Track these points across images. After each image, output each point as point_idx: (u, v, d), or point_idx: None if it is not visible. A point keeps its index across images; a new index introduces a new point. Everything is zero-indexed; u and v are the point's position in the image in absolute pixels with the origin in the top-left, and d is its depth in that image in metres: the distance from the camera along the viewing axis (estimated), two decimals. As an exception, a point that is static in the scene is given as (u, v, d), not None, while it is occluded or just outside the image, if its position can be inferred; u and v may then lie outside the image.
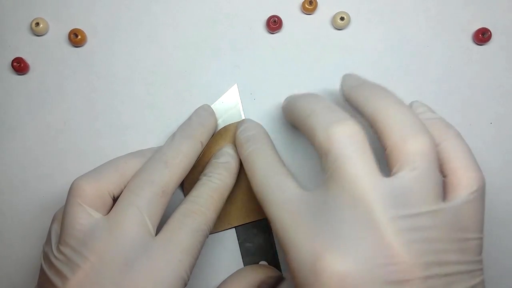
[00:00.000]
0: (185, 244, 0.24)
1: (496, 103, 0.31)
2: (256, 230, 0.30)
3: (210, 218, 0.26)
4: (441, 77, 0.31)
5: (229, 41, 0.32)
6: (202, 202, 0.26)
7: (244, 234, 0.30)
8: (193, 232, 0.24)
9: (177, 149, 0.26)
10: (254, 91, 0.31)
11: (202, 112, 0.29)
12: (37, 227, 0.31)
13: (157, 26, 0.32)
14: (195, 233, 0.24)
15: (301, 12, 0.32)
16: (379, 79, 0.31)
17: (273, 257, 0.30)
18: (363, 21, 0.32)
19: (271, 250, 0.30)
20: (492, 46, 0.31)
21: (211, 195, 0.26)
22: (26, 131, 0.31)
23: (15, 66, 0.31)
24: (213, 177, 0.27)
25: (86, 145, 0.31)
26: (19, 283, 0.31)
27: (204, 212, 0.25)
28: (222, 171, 0.27)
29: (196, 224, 0.25)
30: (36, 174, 0.31)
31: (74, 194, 0.24)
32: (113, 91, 0.31)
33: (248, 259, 0.30)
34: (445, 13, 0.32)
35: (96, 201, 0.24)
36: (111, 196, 0.25)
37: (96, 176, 0.25)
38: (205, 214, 0.25)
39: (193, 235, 0.24)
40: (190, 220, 0.25)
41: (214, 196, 0.26)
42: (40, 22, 0.31)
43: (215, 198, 0.26)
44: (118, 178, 0.25)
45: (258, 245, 0.30)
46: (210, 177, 0.27)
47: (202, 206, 0.26)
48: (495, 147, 0.30)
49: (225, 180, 0.27)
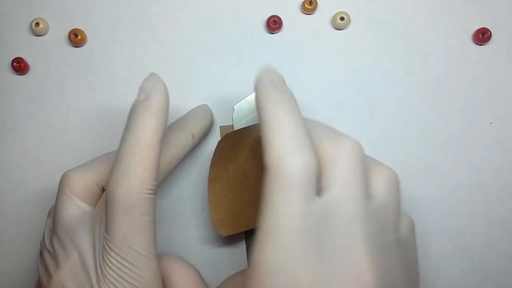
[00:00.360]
0: (124, 229, 0.21)
1: (496, 103, 0.31)
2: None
3: (142, 181, 0.21)
4: (441, 77, 0.31)
5: (229, 41, 0.32)
6: (124, 166, 0.21)
7: (252, 237, 0.30)
8: (126, 210, 0.21)
9: (165, 138, 0.25)
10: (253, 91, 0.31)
11: (197, 109, 0.29)
12: (37, 226, 0.31)
13: (157, 26, 0.32)
14: (130, 210, 0.21)
15: (301, 12, 0.32)
16: (379, 79, 0.31)
17: None
18: (363, 21, 0.32)
19: None
20: (492, 46, 0.31)
21: (132, 151, 0.21)
22: (26, 131, 0.31)
23: (15, 66, 0.31)
24: (130, 126, 0.22)
25: (86, 145, 0.31)
26: (19, 283, 0.31)
27: (129, 178, 0.21)
28: (140, 113, 0.22)
29: (124, 198, 0.21)
30: (36, 174, 0.31)
31: (63, 185, 0.24)
32: (113, 91, 0.31)
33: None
34: (445, 13, 0.32)
35: (85, 193, 0.24)
36: (100, 188, 0.24)
37: (86, 168, 0.24)
38: (130, 180, 0.21)
39: (129, 214, 0.21)
40: (115, 197, 0.21)
41: (137, 151, 0.21)
42: (40, 22, 0.31)
43: (138, 153, 0.21)
44: (108, 169, 0.24)
45: None
46: (127, 128, 0.22)
47: (124, 171, 0.21)
48: (495, 147, 0.30)
49: (146, 124, 0.22)
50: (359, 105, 0.31)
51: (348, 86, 0.31)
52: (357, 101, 0.31)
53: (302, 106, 0.31)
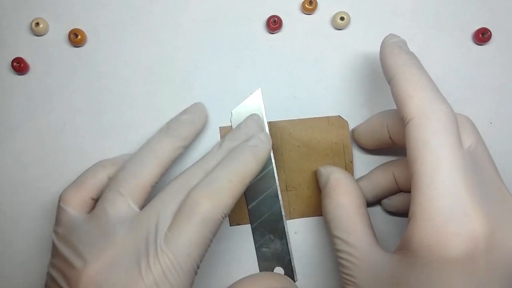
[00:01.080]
0: (193, 237, 0.23)
1: (496, 103, 0.31)
2: (273, 235, 0.30)
3: (226, 206, 0.23)
4: (441, 77, 0.31)
5: (229, 41, 0.32)
6: (217, 187, 0.23)
7: (261, 238, 0.30)
8: (203, 222, 0.23)
9: (220, 159, 0.26)
10: (254, 91, 0.31)
11: (250, 122, 0.28)
12: (37, 226, 0.31)
13: (157, 26, 0.32)
14: (205, 224, 0.23)
15: (301, 12, 0.32)
16: (379, 79, 0.31)
17: (288, 264, 0.30)
18: (363, 21, 0.32)
19: (287, 257, 0.30)
20: (492, 46, 0.31)
21: (230, 179, 0.24)
22: (26, 131, 0.31)
23: (15, 66, 0.31)
24: (236, 159, 0.25)
25: (86, 145, 0.31)
26: (19, 283, 0.30)
27: (219, 199, 0.23)
28: (247, 153, 0.25)
29: (207, 212, 0.23)
30: (36, 174, 0.31)
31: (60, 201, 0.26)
32: (113, 91, 0.31)
33: (264, 263, 0.30)
34: (445, 13, 0.32)
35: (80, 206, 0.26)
36: (93, 200, 0.26)
37: (77, 185, 0.26)
38: (219, 201, 0.23)
39: (203, 227, 0.23)
40: (200, 209, 0.23)
41: (234, 180, 0.24)
42: (40, 22, 0.31)
43: (234, 182, 0.24)
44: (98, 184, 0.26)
45: (274, 250, 0.30)
46: (232, 159, 0.25)
47: (216, 191, 0.23)
48: (495, 147, 0.30)
49: (249, 164, 0.25)
50: (359, 105, 0.31)
51: (348, 86, 0.31)
52: (357, 101, 0.31)
53: (302, 106, 0.31)
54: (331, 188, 0.27)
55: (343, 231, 0.25)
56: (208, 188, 0.23)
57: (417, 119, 0.22)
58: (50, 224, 0.30)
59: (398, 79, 0.24)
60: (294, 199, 0.31)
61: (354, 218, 0.26)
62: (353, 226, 0.25)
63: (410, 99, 0.23)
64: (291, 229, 0.31)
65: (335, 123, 0.31)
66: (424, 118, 0.22)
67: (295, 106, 0.31)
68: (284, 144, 0.31)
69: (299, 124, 0.31)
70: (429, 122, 0.22)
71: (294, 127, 0.31)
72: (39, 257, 0.30)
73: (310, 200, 0.31)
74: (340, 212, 0.26)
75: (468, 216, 0.20)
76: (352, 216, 0.26)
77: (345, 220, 0.26)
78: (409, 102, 0.23)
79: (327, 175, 0.28)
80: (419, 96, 0.23)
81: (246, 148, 0.25)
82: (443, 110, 0.22)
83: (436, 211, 0.21)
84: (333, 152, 0.31)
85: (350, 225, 0.25)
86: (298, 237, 0.31)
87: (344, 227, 0.25)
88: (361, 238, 0.25)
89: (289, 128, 0.31)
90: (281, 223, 0.30)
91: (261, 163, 0.26)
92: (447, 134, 0.22)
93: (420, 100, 0.22)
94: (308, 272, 0.31)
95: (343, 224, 0.26)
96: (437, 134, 0.22)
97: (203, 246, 0.23)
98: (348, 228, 0.25)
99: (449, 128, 0.22)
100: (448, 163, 0.21)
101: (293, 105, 0.31)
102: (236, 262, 0.31)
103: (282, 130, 0.31)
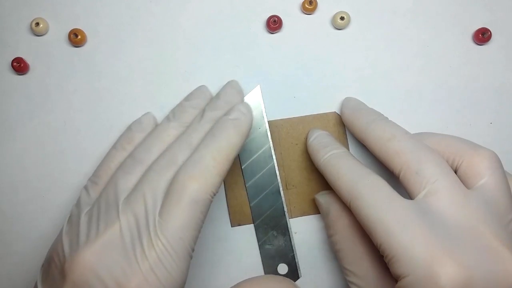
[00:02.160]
0: (184, 219, 0.23)
1: (496, 103, 0.31)
2: (276, 232, 0.30)
3: (214, 185, 0.23)
4: (441, 77, 0.31)
5: (229, 41, 0.32)
6: (203, 167, 0.23)
7: (264, 235, 0.30)
8: (192, 204, 0.23)
9: (203, 131, 0.26)
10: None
11: (229, 90, 0.28)
12: (37, 226, 0.31)
13: (157, 26, 0.32)
14: (195, 205, 0.23)
15: (301, 12, 0.32)
16: (379, 79, 0.31)
17: (292, 260, 0.30)
18: (363, 21, 0.32)
19: (290, 253, 0.30)
20: (492, 46, 0.31)
21: (214, 157, 0.24)
22: (26, 131, 0.31)
23: (15, 66, 0.31)
24: (218, 136, 0.24)
25: (86, 145, 0.31)
26: (19, 282, 0.31)
27: (206, 179, 0.23)
28: (229, 129, 0.25)
29: (195, 193, 0.23)
30: (36, 174, 0.31)
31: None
32: (113, 91, 0.31)
33: (268, 260, 0.30)
34: (445, 13, 0.32)
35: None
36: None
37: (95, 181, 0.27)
38: (206, 181, 0.23)
39: (192, 207, 0.23)
40: (188, 190, 0.23)
41: (218, 158, 0.24)
42: (40, 22, 0.31)
43: (218, 160, 0.24)
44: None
45: (278, 247, 0.30)
46: (214, 136, 0.24)
47: (202, 171, 0.23)
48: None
49: (231, 139, 0.24)
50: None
51: (348, 86, 0.31)
52: (357, 101, 0.31)
53: (303, 106, 0.31)
54: (333, 221, 0.27)
55: (351, 264, 0.25)
56: (194, 169, 0.23)
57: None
58: (50, 224, 0.31)
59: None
60: (294, 197, 0.31)
61: (361, 250, 0.25)
62: (360, 257, 0.25)
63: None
64: (291, 229, 0.31)
65: (332, 120, 0.31)
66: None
67: (295, 106, 0.31)
68: (282, 142, 0.31)
69: (296, 122, 0.31)
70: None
71: (292, 125, 0.31)
72: (39, 257, 0.30)
73: (310, 197, 0.31)
74: (346, 244, 0.26)
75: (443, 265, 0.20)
76: (359, 247, 0.25)
77: (352, 252, 0.25)
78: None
79: (327, 206, 0.28)
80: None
81: (227, 122, 0.25)
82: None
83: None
84: None
85: (358, 256, 0.25)
86: (299, 236, 0.31)
87: (352, 260, 0.25)
88: (369, 269, 0.25)
89: (287, 127, 0.31)
90: (283, 220, 0.30)
91: (244, 136, 0.25)
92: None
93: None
94: (309, 271, 0.31)
95: (350, 257, 0.25)
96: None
97: (195, 227, 0.23)
98: (356, 260, 0.25)
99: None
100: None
101: (293, 105, 0.31)
102: (236, 262, 0.31)
103: (280, 129, 0.31)
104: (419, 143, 0.25)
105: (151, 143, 0.26)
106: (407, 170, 0.24)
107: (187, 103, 0.29)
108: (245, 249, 0.31)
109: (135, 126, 0.29)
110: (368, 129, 0.26)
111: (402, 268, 0.21)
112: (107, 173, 0.27)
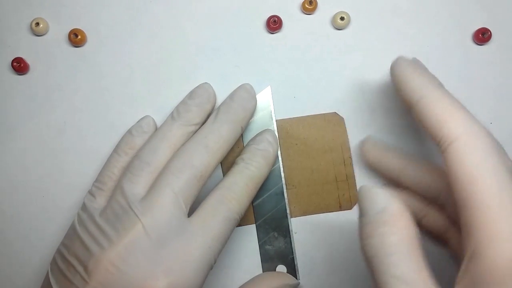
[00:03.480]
0: (216, 231, 0.25)
1: (496, 103, 0.31)
2: (277, 233, 0.30)
3: (243, 207, 0.26)
4: (441, 77, 0.31)
5: (229, 41, 0.32)
6: (238, 190, 0.26)
7: (265, 236, 0.30)
8: (225, 220, 0.25)
9: (219, 133, 0.26)
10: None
11: (244, 94, 0.29)
12: (37, 227, 0.31)
13: (157, 26, 0.32)
14: (227, 221, 0.25)
15: (301, 12, 0.32)
16: (380, 79, 0.31)
17: (291, 262, 0.30)
18: (363, 21, 0.32)
19: (290, 255, 0.30)
20: (492, 46, 0.31)
21: (247, 183, 0.26)
22: (26, 131, 0.31)
23: (15, 66, 0.31)
24: (251, 165, 0.27)
25: (86, 145, 0.31)
26: (19, 283, 0.31)
27: (238, 201, 0.26)
28: (260, 159, 0.27)
29: (229, 212, 0.25)
30: (36, 174, 0.31)
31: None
32: (113, 91, 0.31)
33: (267, 261, 0.30)
34: (445, 13, 0.32)
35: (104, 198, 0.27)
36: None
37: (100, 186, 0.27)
38: (239, 202, 0.26)
39: (225, 223, 0.25)
40: (224, 207, 0.25)
41: (250, 184, 0.26)
42: (40, 22, 0.31)
43: (250, 187, 0.26)
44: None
45: (278, 248, 0.30)
46: (247, 164, 0.27)
47: (237, 194, 0.26)
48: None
49: (262, 168, 0.27)
50: (359, 105, 0.31)
51: (348, 86, 0.31)
52: (357, 101, 0.31)
53: (303, 106, 0.31)
54: (394, 219, 0.22)
55: (405, 272, 0.21)
56: (230, 191, 0.26)
57: (464, 138, 0.20)
58: (50, 224, 0.31)
59: (432, 100, 0.22)
60: (294, 198, 0.31)
61: (416, 252, 0.22)
62: (418, 264, 0.21)
63: (451, 118, 0.21)
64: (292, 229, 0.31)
65: (332, 120, 0.31)
66: (473, 137, 0.20)
67: (295, 106, 0.31)
68: (282, 143, 0.31)
69: (296, 122, 0.31)
70: (480, 141, 0.20)
71: (291, 125, 0.31)
72: (39, 257, 0.30)
73: (310, 198, 0.31)
74: (403, 248, 0.21)
75: None
76: (413, 251, 0.22)
77: (406, 256, 0.21)
78: (451, 122, 0.21)
79: (385, 201, 0.23)
80: (460, 115, 0.21)
81: (257, 153, 0.27)
82: (486, 129, 0.21)
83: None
84: (331, 148, 0.31)
85: (416, 263, 0.21)
86: (298, 236, 0.31)
87: (406, 268, 0.21)
88: (427, 279, 0.21)
89: (287, 127, 0.31)
90: (285, 221, 0.30)
91: (272, 165, 0.28)
92: (499, 153, 0.20)
93: (464, 119, 0.21)
94: (307, 271, 0.31)
95: (404, 265, 0.21)
96: (491, 153, 0.20)
97: (222, 242, 0.25)
98: (412, 267, 0.21)
99: (497, 146, 0.20)
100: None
101: (293, 105, 0.31)
102: (237, 262, 0.31)
103: (280, 129, 0.31)
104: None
105: (156, 144, 0.27)
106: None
107: (191, 101, 0.29)
108: (245, 249, 0.31)
109: (135, 130, 0.29)
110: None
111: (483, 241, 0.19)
112: (111, 178, 0.27)
